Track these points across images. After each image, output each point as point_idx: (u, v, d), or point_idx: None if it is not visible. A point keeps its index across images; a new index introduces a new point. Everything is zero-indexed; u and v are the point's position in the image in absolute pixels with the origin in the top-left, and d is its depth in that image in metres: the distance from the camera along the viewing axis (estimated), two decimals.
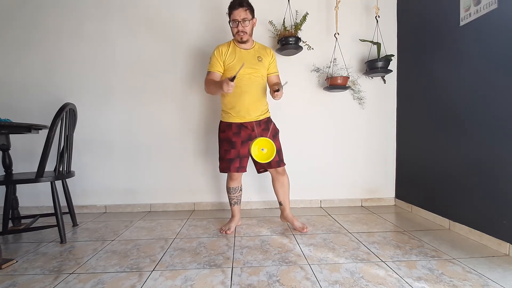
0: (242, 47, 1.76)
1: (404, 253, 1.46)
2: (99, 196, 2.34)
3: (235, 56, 1.73)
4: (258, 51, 1.78)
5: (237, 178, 1.81)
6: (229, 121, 1.76)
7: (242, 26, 1.67)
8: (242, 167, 1.77)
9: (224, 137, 1.77)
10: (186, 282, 1.20)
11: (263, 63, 1.77)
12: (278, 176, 1.82)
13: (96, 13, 2.29)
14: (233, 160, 1.73)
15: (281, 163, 1.79)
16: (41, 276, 1.27)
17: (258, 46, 1.82)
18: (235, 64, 1.71)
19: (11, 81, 2.27)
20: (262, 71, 1.76)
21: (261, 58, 1.76)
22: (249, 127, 1.74)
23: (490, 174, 1.52)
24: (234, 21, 1.68)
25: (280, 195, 1.85)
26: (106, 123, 2.31)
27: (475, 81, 1.62)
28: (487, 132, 1.54)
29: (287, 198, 1.86)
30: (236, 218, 1.87)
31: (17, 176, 1.66)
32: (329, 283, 1.18)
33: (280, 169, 1.80)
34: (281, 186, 1.83)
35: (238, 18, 1.66)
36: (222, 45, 1.77)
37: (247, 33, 1.70)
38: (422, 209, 2.08)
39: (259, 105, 1.77)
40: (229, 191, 1.84)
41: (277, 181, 1.83)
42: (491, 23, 1.52)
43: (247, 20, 1.67)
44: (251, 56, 1.75)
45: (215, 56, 1.74)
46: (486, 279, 1.19)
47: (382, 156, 2.44)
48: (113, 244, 1.63)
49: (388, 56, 2.21)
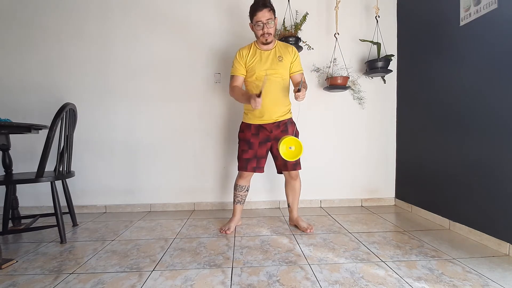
0: (264, 48, 1.72)
1: (404, 253, 1.46)
2: (99, 196, 2.34)
3: (255, 57, 1.72)
4: (279, 51, 1.73)
5: (247, 177, 1.81)
6: (249, 122, 1.78)
7: (267, 28, 1.63)
8: (259, 168, 1.77)
9: (242, 137, 1.79)
10: (186, 282, 1.20)
11: (283, 63, 1.71)
12: (291, 180, 1.83)
13: (96, 13, 2.29)
14: (250, 160, 1.75)
15: (297, 167, 1.77)
16: (41, 276, 1.27)
17: (280, 45, 1.76)
18: (255, 65, 1.70)
19: (11, 81, 2.27)
20: (281, 72, 1.71)
21: (282, 57, 1.71)
22: (267, 129, 1.74)
23: (490, 174, 1.52)
24: (258, 22, 1.62)
25: (289, 198, 1.89)
26: (106, 123, 2.31)
27: (475, 81, 1.62)
28: (487, 132, 1.54)
29: (296, 202, 1.88)
30: (236, 218, 1.87)
31: (17, 176, 1.66)
32: (329, 283, 1.18)
33: (294, 173, 1.79)
34: (292, 190, 1.86)
35: (263, 20, 1.61)
36: (243, 48, 1.76)
37: (271, 34, 1.66)
38: (422, 209, 2.08)
39: (279, 106, 1.73)
40: (236, 188, 1.85)
41: (289, 184, 1.86)
42: (491, 23, 1.52)
43: (271, 21, 1.63)
44: (272, 56, 1.71)
45: (237, 60, 1.74)
46: (486, 279, 1.19)
47: (382, 156, 2.44)
48: (113, 244, 1.63)
49: (388, 56, 2.21)
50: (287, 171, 1.78)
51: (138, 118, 2.33)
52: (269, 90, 1.68)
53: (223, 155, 2.38)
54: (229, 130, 2.36)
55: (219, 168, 2.38)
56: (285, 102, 1.76)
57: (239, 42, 2.31)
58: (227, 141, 2.37)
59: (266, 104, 1.69)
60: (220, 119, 2.36)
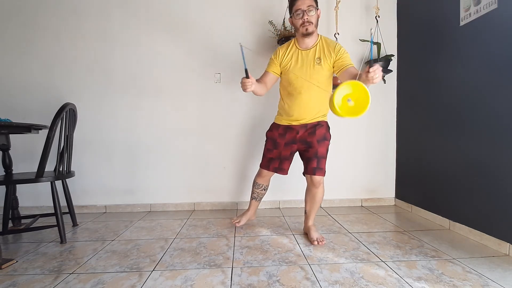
0: (304, 45, 1.61)
1: (404, 253, 1.46)
2: (99, 196, 2.34)
3: (292, 57, 1.63)
4: (319, 51, 1.59)
5: (265, 176, 1.79)
6: (279, 123, 1.73)
7: (308, 16, 1.51)
8: (281, 169, 1.71)
9: (270, 135, 1.75)
10: (186, 282, 1.20)
11: (323, 66, 1.57)
12: (312, 187, 1.65)
13: (96, 13, 2.29)
14: (273, 160, 1.72)
15: (317, 171, 1.58)
16: (41, 276, 1.27)
17: (323, 42, 1.61)
18: (289, 68, 1.62)
19: (11, 81, 2.27)
20: (317, 77, 1.58)
21: (320, 60, 1.57)
22: (295, 130, 1.67)
23: (490, 174, 1.52)
24: (298, 11, 1.52)
25: (307, 205, 1.73)
26: (106, 123, 2.31)
27: (475, 81, 1.62)
28: (487, 132, 1.54)
29: (313, 211, 1.71)
30: (250, 213, 1.88)
31: (17, 176, 1.66)
32: (329, 283, 1.18)
33: (316, 179, 1.58)
34: (311, 198, 1.68)
35: (303, 7, 1.50)
36: (281, 46, 1.69)
37: (313, 23, 1.53)
38: (422, 209, 2.08)
39: (312, 111, 1.62)
40: (254, 185, 1.85)
41: (309, 191, 1.69)
42: (491, 23, 1.52)
43: (313, 9, 1.52)
44: (310, 58, 1.59)
45: (272, 57, 1.69)
46: (486, 279, 1.19)
47: (382, 156, 2.44)
48: (113, 244, 1.63)
49: (388, 56, 2.21)
50: (308, 174, 1.62)
51: (138, 118, 2.33)
52: (301, 98, 1.59)
53: (223, 155, 2.37)
54: (229, 129, 2.37)
55: (219, 168, 2.38)
56: (318, 107, 1.62)
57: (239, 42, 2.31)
58: (227, 141, 2.37)
59: (299, 108, 1.62)
60: (220, 119, 2.36)
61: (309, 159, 1.61)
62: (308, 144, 1.63)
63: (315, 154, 1.60)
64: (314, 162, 1.59)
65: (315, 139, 1.61)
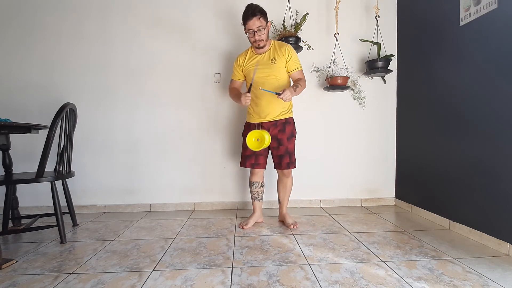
0: (259, 52, 1.81)
1: (404, 253, 1.46)
2: (99, 196, 2.34)
3: (251, 61, 1.83)
4: (273, 53, 1.80)
5: (257, 174, 1.90)
6: (250, 121, 1.89)
7: (259, 35, 1.72)
8: (257, 164, 1.86)
9: (244, 135, 1.87)
10: (186, 282, 1.20)
11: (277, 64, 1.78)
12: (283, 178, 1.91)
13: (96, 13, 2.29)
14: (249, 157, 1.86)
15: (291, 165, 1.83)
16: (41, 276, 1.27)
17: (274, 46, 1.82)
18: (251, 68, 1.81)
19: (11, 81, 2.27)
20: (275, 73, 1.78)
21: (275, 59, 1.78)
22: (266, 127, 1.83)
23: (490, 174, 1.52)
24: (250, 30, 1.72)
25: (280, 194, 1.97)
26: (106, 123, 2.31)
27: (475, 81, 1.62)
28: (487, 132, 1.54)
29: (286, 199, 1.97)
30: (256, 215, 1.93)
31: (17, 176, 1.66)
32: (329, 283, 1.18)
33: (286, 171, 1.86)
34: (283, 187, 1.94)
35: (253, 28, 1.70)
36: (240, 55, 1.89)
37: (263, 40, 1.75)
38: (422, 209, 2.08)
39: (275, 106, 1.80)
40: (250, 185, 1.95)
41: (280, 181, 1.94)
42: (491, 23, 1.52)
43: (262, 28, 1.71)
44: (266, 59, 1.80)
45: (234, 66, 1.90)
46: (486, 279, 1.19)
47: (382, 156, 2.44)
48: (113, 244, 1.63)
49: (388, 56, 2.21)
50: (280, 169, 1.86)
51: (138, 118, 2.33)
52: (264, 92, 1.74)
53: (223, 155, 2.37)
54: (229, 129, 2.37)
55: (219, 168, 2.38)
56: (281, 102, 1.79)
57: (239, 42, 2.31)
58: (227, 141, 2.37)
59: (262, 104, 1.80)
60: (219, 119, 2.36)
61: (282, 156, 1.82)
62: (278, 141, 1.82)
63: (286, 150, 1.82)
64: (287, 158, 1.82)
65: (285, 137, 1.81)
